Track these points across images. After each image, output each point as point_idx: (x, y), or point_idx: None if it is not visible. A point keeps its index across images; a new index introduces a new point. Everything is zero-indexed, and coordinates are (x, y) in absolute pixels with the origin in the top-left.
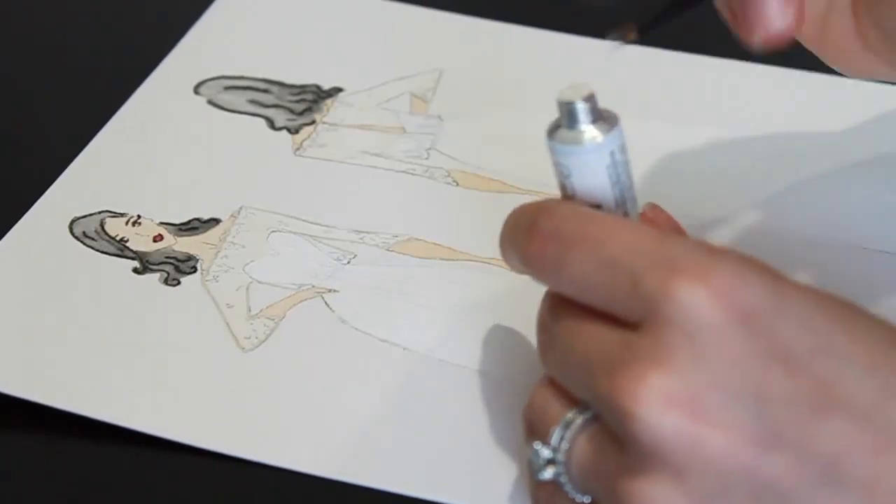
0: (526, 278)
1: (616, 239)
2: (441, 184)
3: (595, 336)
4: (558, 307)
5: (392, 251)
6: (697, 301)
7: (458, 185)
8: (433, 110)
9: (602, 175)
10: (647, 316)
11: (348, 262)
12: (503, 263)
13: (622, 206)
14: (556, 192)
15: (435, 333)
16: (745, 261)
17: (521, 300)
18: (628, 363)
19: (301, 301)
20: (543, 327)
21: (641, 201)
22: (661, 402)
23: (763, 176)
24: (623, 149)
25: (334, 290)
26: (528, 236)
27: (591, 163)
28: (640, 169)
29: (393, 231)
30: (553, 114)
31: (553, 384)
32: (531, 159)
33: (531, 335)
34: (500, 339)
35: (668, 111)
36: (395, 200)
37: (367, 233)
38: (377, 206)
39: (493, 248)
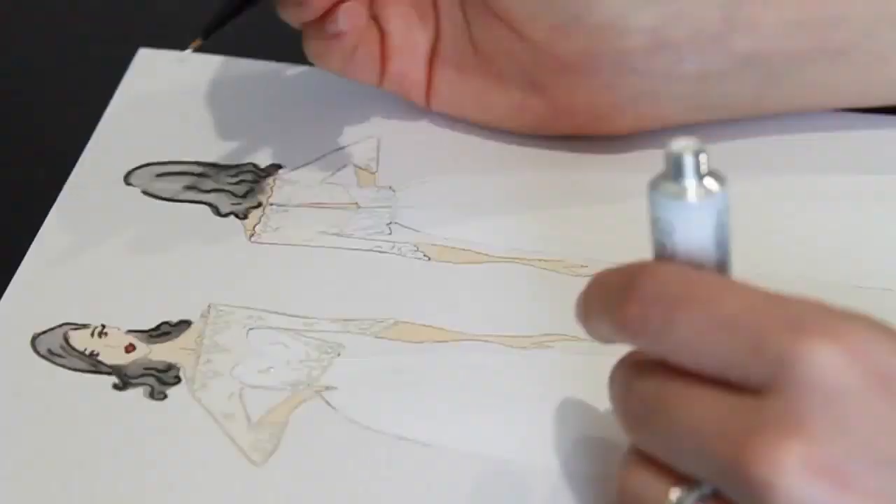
0: (529, 353)
1: (731, 298)
2: (412, 260)
3: (708, 402)
4: (649, 372)
5: (381, 338)
6: (834, 362)
7: (429, 259)
8: (382, 181)
9: (708, 234)
10: (775, 379)
11: (338, 355)
12: (500, 340)
13: (723, 272)
14: (528, 259)
15: (452, 423)
16: (872, 320)
17: (531, 375)
18: (759, 429)
19: (301, 402)
20: (632, 397)
21: None
22: (804, 471)
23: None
24: (727, 210)
25: (332, 388)
26: (625, 299)
27: (700, 219)
28: None
29: (375, 316)
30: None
31: (647, 461)
32: (495, 224)
33: (549, 413)
34: (524, 423)
35: None
36: (370, 283)
37: (350, 321)
38: (353, 291)
39: (484, 324)
